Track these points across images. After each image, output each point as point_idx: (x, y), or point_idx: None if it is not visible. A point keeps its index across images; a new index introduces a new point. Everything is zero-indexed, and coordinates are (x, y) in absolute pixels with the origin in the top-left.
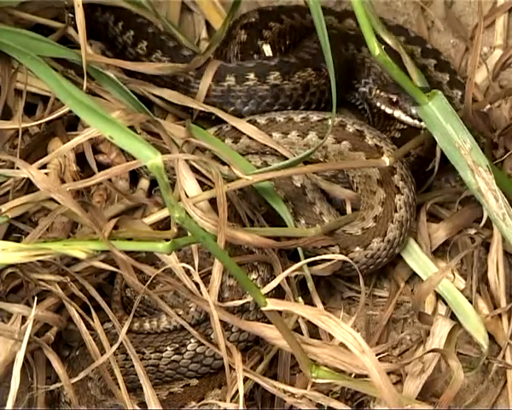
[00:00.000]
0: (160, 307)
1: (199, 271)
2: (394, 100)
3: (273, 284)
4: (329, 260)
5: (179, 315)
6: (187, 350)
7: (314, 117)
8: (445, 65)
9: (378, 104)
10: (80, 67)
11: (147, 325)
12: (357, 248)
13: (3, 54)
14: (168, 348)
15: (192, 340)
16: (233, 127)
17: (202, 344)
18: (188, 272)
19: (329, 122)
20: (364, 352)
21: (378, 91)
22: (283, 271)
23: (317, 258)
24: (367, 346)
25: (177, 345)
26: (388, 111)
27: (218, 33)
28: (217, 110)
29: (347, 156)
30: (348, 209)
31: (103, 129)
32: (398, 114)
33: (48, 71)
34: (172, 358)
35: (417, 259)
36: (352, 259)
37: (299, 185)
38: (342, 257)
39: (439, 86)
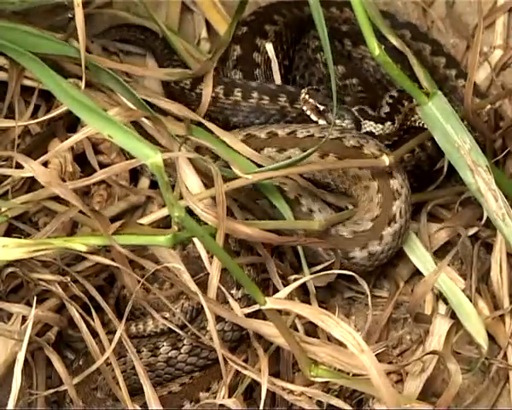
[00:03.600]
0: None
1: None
2: (321, 109)
3: (283, 294)
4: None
5: (166, 318)
6: (160, 354)
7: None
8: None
9: (304, 108)
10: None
11: (133, 329)
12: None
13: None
14: (144, 349)
15: (165, 343)
16: None
17: (176, 348)
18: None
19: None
20: (363, 351)
21: (307, 97)
22: (278, 273)
23: (321, 266)
24: (366, 345)
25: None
26: (313, 118)
27: (224, 37)
28: (209, 124)
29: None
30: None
31: (102, 128)
32: (322, 123)
33: (45, 70)
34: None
35: (421, 256)
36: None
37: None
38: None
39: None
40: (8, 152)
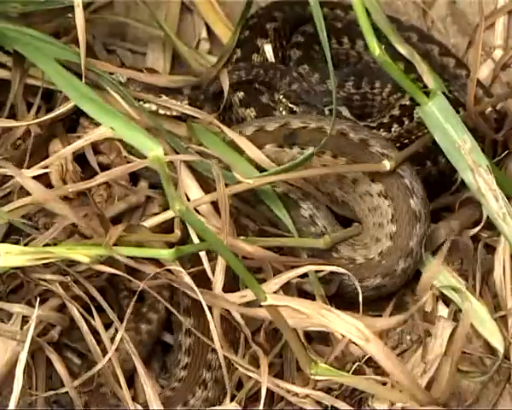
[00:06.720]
0: None
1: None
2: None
3: (277, 285)
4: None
5: None
6: None
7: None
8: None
9: (280, 109)
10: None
11: None
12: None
13: (17, 53)
14: None
15: None
16: None
17: None
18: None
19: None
20: (369, 340)
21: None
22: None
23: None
24: (371, 333)
25: None
26: None
27: (228, 43)
28: (221, 124)
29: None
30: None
31: (105, 120)
32: None
33: (50, 62)
34: None
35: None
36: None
37: (308, 215)
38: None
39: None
40: (3, 167)
